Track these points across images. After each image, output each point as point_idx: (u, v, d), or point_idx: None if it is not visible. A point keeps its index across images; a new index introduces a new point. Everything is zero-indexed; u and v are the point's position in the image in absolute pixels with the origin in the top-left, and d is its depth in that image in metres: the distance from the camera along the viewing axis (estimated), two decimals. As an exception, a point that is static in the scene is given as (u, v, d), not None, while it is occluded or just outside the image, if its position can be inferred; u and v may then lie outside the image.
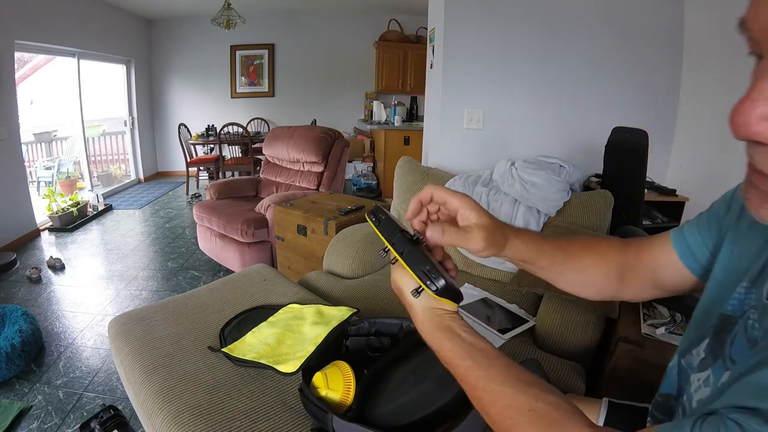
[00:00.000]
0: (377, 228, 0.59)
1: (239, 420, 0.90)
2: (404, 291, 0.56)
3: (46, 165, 5.47)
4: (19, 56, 3.93)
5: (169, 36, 6.11)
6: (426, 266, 0.52)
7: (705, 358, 0.48)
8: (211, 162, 5.36)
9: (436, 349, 0.53)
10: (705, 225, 0.57)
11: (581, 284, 0.67)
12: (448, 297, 0.52)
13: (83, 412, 1.67)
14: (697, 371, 0.48)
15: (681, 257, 0.59)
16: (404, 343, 0.97)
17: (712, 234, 0.56)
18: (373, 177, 5.48)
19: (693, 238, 0.58)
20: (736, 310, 0.46)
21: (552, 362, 1.22)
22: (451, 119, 2.35)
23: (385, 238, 0.58)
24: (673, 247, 0.60)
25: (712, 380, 0.45)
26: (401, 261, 0.55)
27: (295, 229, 2.30)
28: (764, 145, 0.31)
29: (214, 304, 1.37)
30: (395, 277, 0.57)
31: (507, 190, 1.86)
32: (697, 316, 0.55)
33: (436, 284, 0.51)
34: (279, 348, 1.13)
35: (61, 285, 2.84)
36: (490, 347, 0.51)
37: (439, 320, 0.53)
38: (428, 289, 0.52)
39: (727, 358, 0.44)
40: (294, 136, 3.35)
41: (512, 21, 2.22)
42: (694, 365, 0.50)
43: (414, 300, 0.54)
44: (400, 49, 5.73)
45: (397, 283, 0.57)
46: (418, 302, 0.54)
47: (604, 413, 0.75)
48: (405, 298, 0.56)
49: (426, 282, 0.52)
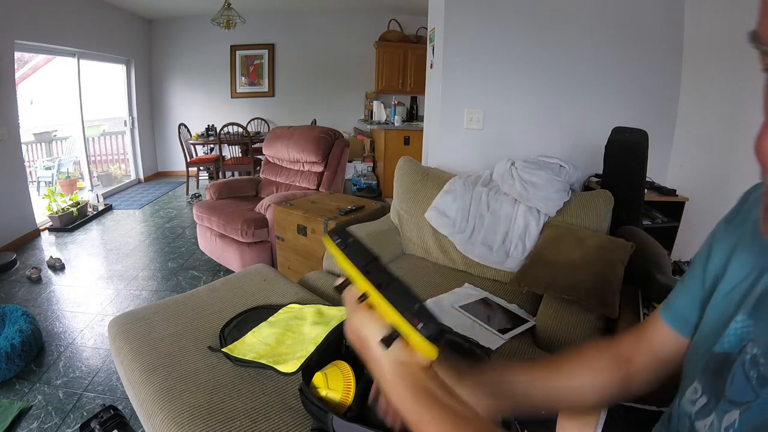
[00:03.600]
0: (343, 252, 0.45)
1: (239, 420, 0.90)
2: (369, 340, 0.43)
3: (46, 165, 5.47)
4: (19, 56, 3.93)
5: (169, 36, 6.11)
6: (415, 304, 0.41)
7: (708, 402, 0.45)
8: (211, 162, 5.36)
9: (412, 418, 0.41)
10: (689, 282, 0.55)
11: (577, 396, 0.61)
12: (440, 343, 0.41)
13: (83, 412, 1.67)
14: (702, 417, 0.45)
15: (676, 329, 0.56)
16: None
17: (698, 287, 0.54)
18: (373, 177, 5.48)
19: (681, 302, 0.56)
20: (734, 346, 0.44)
21: (552, 362, 1.22)
22: (451, 119, 2.35)
23: (354, 265, 0.45)
24: (664, 321, 0.57)
25: (716, 425, 0.42)
26: (377, 297, 0.42)
27: (295, 229, 2.30)
28: None
29: (214, 304, 1.37)
30: (357, 322, 0.45)
31: (507, 190, 1.86)
32: (689, 359, 0.52)
33: (430, 327, 0.40)
34: (279, 348, 1.13)
35: (61, 285, 2.84)
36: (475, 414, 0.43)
37: (414, 380, 0.42)
38: (418, 333, 0.40)
39: (725, 400, 0.42)
40: (294, 136, 3.35)
41: (512, 21, 2.22)
42: (694, 411, 0.47)
43: (381, 353, 0.42)
44: (400, 49, 5.73)
45: (359, 331, 0.45)
46: (387, 355, 0.42)
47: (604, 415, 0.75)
48: (369, 352, 0.44)
49: (417, 324, 0.40)
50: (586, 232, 1.65)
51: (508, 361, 0.63)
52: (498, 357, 1.24)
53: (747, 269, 0.45)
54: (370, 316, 0.44)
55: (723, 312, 0.47)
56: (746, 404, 0.39)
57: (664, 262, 1.54)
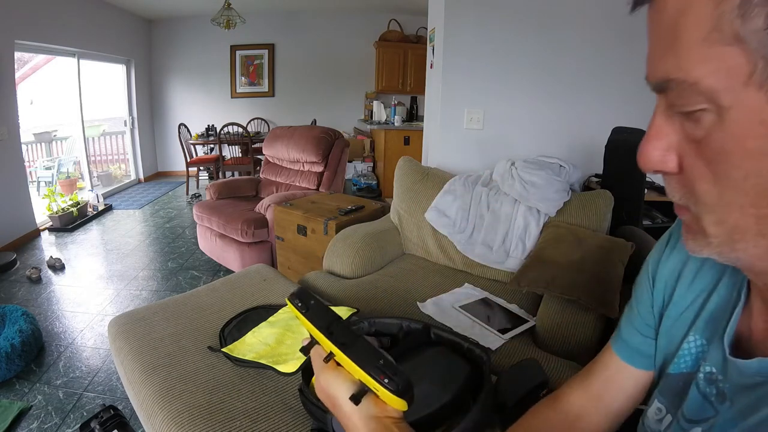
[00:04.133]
0: (304, 315, 0.47)
1: (239, 420, 0.90)
2: (339, 398, 0.45)
3: (46, 165, 5.47)
4: (19, 56, 3.93)
5: (169, 36, 6.11)
6: (379, 360, 0.42)
7: (672, 421, 0.46)
8: (211, 162, 5.36)
9: None
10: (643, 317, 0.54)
11: None
12: (409, 396, 0.42)
13: (83, 412, 1.67)
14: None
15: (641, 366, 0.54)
16: (404, 343, 0.97)
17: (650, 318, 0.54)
18: (373, 177, 5.48)
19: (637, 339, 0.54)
20: (691, 366, 0.45)
21: (552, 362, 1.22)
22: (451, 119, 2.35)
23: (316, 328, 0.46)
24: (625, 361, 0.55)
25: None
26: (344, 357, 0.43)
27: (295, 229, 2.30)
28: (668, 174, 0.35)
29: (214, 304, 1.37)
30: (325, 381, 0.47)
31: (507, 190, 1.86)
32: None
33: (396, 382, 0.40)
34: (279, 348, 1.13)
35: (61, 285, 2.84)
36: None
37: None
38: (385, 389, 0.40)
39: (683, 419, 0.43)
40: (294, 136, 3.35)
41: (512, 21, 2.22)
42: (662, 429, 0.48)
43: (352, 409, 0.44)
44: (400, 49, 5.73)
45: (327, 390, 0.46)
46: (358, 411, 0.44)
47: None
48: (340, 409, 0.45)
49: (383, 380, 0.41)
50: (586, 232, 1.65)
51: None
52: (498, 357, 1.24)
53: (696, 291, 0.47)
54: (337, 374, 0.46)
55: (674, 334, 0.48)
56: (707, 420, 0.40)
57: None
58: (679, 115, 0.32)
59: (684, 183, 0.34)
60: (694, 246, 0.36)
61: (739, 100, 0.28)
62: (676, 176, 0.35)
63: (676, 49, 0.31)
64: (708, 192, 0.32)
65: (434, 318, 1.42)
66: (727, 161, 0.30)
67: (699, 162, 0.32)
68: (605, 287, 1.34)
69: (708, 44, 0.29)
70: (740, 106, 0.28)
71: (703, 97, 0.30)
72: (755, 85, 0.27)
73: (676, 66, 0.31)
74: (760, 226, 0.31)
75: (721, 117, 0.29)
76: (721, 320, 0.43)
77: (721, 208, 0.32)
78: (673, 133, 0.33)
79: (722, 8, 0.27)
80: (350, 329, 0.45)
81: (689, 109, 0.31)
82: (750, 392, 0.36)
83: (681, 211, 0.36)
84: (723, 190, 0.31)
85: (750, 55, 0.27)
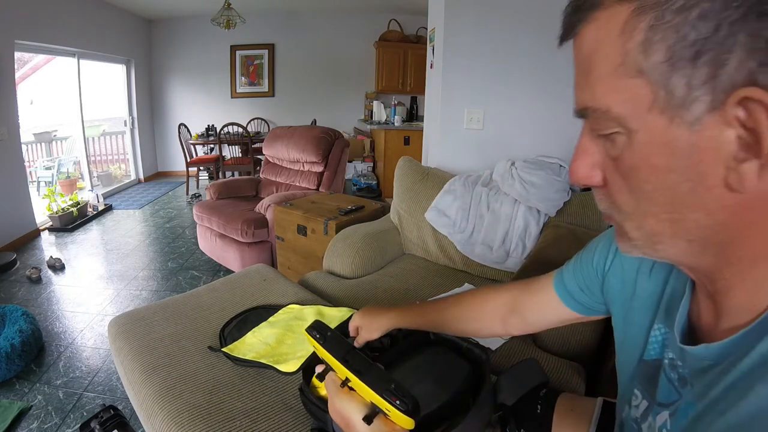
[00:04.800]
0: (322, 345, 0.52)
1: (239, 420, 0.90)
2: (352, 419, 0.50)
3: (46, 165, 5.47)
4: (19, 56, 3.93)
5: (169, 36, 6.11)
6: (390, 384, 0.47)
7: (648, 406, 0.49)
8: (211, 162, 5.36)
9: None
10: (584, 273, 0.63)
11: (470, 331, 0.82)
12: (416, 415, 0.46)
13: (83, 412, 1.67)
14: (644, 420, 0.49)
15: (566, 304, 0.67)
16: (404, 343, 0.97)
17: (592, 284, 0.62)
18: (373, 177, 5.48)
19: (573, 286, 0.65)
20: (659, 353, 0.48)
21: (552, 362, 1.22)
22: (451, 119, 2.35)
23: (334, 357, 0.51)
24: (557, 295, 0.68)
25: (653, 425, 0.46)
26: (359, 383, 0.48)
27: (295, 229, 2.30)
28: (595, 188, 0.40)
29: (214, 304, 1.37)
30: (339, 405, 0.52)
31: (507, 190, 1.86)
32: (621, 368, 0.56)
33: (407, 403, 0.45)
34: (279, 348, 1.13)
35: (61, 285, 2.84)
36: None
37: None
38: (397, 409, 0.45)
39: (655, 403, 0.46)
40: (294, 136, 3.35)
41: (512, 21, 2.22)
42: (639, 415, 0.51)
43: (365, 429, 0.49)
44: (400, 49, 5.73)
45: (342, 412, 0.52)
46: (370, 430, 0.49)
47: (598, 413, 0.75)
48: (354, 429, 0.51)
49: (395, 402, 0.45)
50: (586, 232, 1.66)
51: (434, 303, 0.86)
52: (498, 357, 1.24)
53: (654, 282, 0.51)
54: (350, 398, 0.51)
55: (643, 322, 0.52)
56: (673, 404, 0.43)
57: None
58: (600, 137, 0.37)
59: (607, 195, 0.39)
60: (623, 247, 0.41)
61: (645, 123, 0.33)
62: (602, 189, 0.39)
63: (590, 81, 0.36)
64: (626, 202, 0.37)
65: (434, 318, 1.42)
66: (638, 176, 0.35)
67: (617, 176, 0.37)
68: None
69: (616, 77, 0.33)
70: (645, 129, 0.33)
71: (614, 122, 0.34)
72: (658, 110, 0.32)
73: (591, 96, 0.36)
74: (673, 229, 0.35)
75: (631, 139, 0.34)
76: (675, 310, 0.46)
77: (638, 216, 0.37)
78: (596, 152, 0.38)
79: (628, 46, 0.32)
80: (364, 357, 0.50)
81: (605, 132, 0.36)
82: (704, 375, 0.38)
83: (608, 218, 0.41)
84: (638, 200, 0.36)
85: (652, 85, 0.31)
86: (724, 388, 0.34)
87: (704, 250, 0.36)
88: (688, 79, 0.30)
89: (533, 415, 0.78)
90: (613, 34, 0.33)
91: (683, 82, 0.30)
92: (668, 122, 0.31)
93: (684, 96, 0.30)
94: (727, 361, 0.35)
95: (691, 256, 0.37)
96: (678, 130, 0.31)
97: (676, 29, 0.29)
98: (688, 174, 0.32)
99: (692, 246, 0.36)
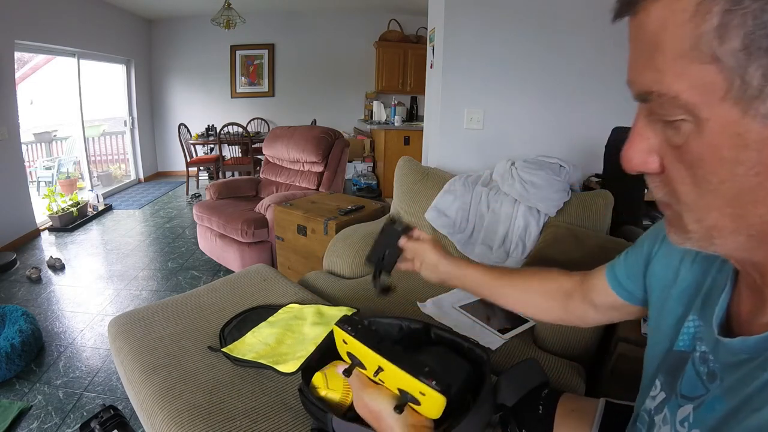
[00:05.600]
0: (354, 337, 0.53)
1: (239, 420, 0.90)
2: (383, 411, 0.51)
3: (46, 165, 5.47)
4: (19, 56, 3.93)
5: (169, 36, 6.11)
6: (425, 368, 0.49)
7: (665, 398, 0.48)
8: (211, 162, 5.36)
9: None
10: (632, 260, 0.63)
11: (525, 303, 0.76)
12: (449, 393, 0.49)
13: (83, 412, 1.67)
14: (659, 412, 0.49)
15: (613, 289, 0.66)
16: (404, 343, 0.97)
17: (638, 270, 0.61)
18: (373, 177, 5.48)
19: (622, 273, 0.65)
20: (688, 345, 0.47)
21: (552, 362, 1.22)
22: (451, 119, 2.35)
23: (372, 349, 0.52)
24: (607, 280, 0.67)
25: (668, 418, 0.46)
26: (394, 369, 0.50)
27: (295, 229, 2.30)
28: (651, 174, 0.38)
29: (214, 304, 1.37)
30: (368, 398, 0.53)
31: (507, 190, 1.86)
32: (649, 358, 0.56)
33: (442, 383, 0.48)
34: (279, 348, 1.13)
35: (61, 285, 2.84)
36: None
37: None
38: (434, 390, 0.48)
39: (677, 396, 0.45)
40: (294, 136, 3.35)
41: (512, 21, 2.22)
42: (654, 406, 0.50)
43: (395, 418, 0.50)
44: (400, 49, 5.73)
45: (370, 405, 0.52)
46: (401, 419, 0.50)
47: (600, 414, 0.75)
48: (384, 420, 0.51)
49: (432, 383, 0.48)
50: (586, 232, 1.65)
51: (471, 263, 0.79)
52: (498, 357, 1.24)
53: (695, 273, 0.50)
54: (379, 391, 0.53)
55: (677, 313, 0.51)
56: (698, 398, 0.42)
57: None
58: (660, 122, 0.35)
59: (666, 182, 0.37)
60: (676, 239, 0.39)
61: (716, 113, 0.31)
62: (658, 176, 0.37)
63: (656, 64, 0.33)
64: (688, 193, 0.35)
65: (434, 318, 1.42)
66: (704, 167, 0.33)
67: (679, 165, 0.35)
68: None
69: (687, 61, 0.31)
70: (717, 118, 0.31)
71: (682, 109, 0.32)
72: (731, 101, 0.30)
73: (657, 80, 0.33)
74: (736, 224, 0.34)
75: (700, 128, 0.32)
76: (713, 302, 0.45)
77: (700, 208, 0.35)
78: (654, 136, 0.36)
79: (701, 29, 0.30)
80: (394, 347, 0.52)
81: (670, 119, 0.34)
82: (736, 370, 0.37)
83: (664, 207, 0.39)
84: (702, 192, 0.34)
85: (727, 73, 0.29)
86: (761, 385, 0.34)
87: (761, 244, 0.35)
88: (765, 69, 0.28)
89: (535, 415, 0.78)
90: (685, 15, 0.30)
91: (759, 73, 0.28)
92: (742, 114, 0.30)
93: (760, 87, 0.29)
94: (764, 357, 0.35)
95: (747, 251, 0.36)
96: (752, 122, 0.30)
97: (753, 15, 0.27)
98: (757, 168, 0.31)
99: (750, 240, 0.35)
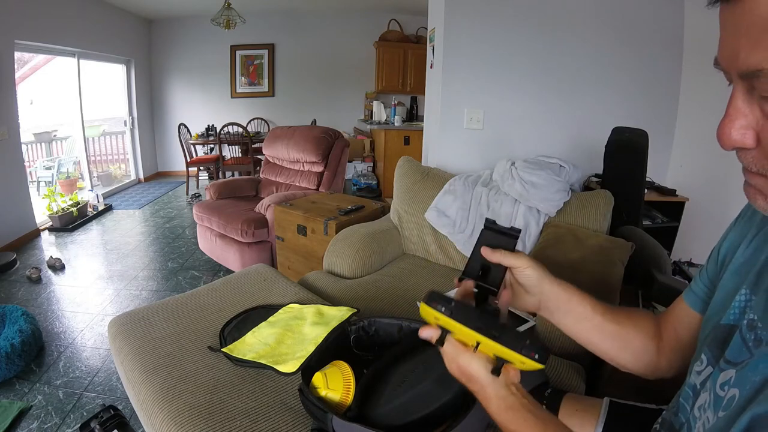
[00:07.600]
0: (451, 318, 0.53)
1: (239, 420, 0.90)
2: (478, 374, 0.54)
3: (46, 165, 5.47)
4: (19, 56, 3.93)
5: (169, 36, 6.11)
6: (525, 340, 0.51)
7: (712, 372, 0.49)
8: (211, 162, 5.36)
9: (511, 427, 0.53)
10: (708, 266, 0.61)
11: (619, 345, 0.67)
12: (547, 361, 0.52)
13: (83, 412, 1.67)
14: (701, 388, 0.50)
15: (691, 306, 0.62)
16: (404, 343, 0.97)
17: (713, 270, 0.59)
18: (373, 177, 5.48)
19: (698, 284, 0.62)
20: (737, 318, 0.48)
21: (552, 362, 1.22)
22: (451, 119, 2.35)
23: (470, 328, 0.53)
24: (685, 301, 0.63)
25: (709, 385, 0.47)
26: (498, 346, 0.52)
27: (295, 229, 2.30)
28: (746, 150, 0.39)
29: (214, 304, 1.37)
30: (464, 361, 0.55)
31: (507, 190, 1.86)
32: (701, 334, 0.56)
33: (542, 354, 0.50)
34: (279, 348, 1.13)
35: (61, 285, 2.84)
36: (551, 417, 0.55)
37: (513, 400, 0.53)
38: (535, 362, 0.50)
39: (723, 361, 0.46)
40: (294, 136, 3.35)
41: (512, 21, 2.22)
42: (699, 381, 0.51)
43: (488, 379, 0.54)
44: (400, 49, 5.73)
45: (466, 368, 0.55)
46: (495, 381, 0.54)
47: (604, 413, 0.75)
48: (477, 382, 0.55)
49: (534, 356, 0.50)
50: (586, 232, 1.65)
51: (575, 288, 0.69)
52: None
53: (752, 250, 0.51)
54: (472, 356, 0.55)
55: (730, 287, 0.52)
56: (742, 363, 0.43)
57: (664, 262, 1.54)
58: (760, 98, 0.37)
59: (764, 155, 0.39)
60: (765, 205, 0.41)
61: None
62: (754, 150, 0.39)
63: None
64: None
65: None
66: None
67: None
68: (605, 287, 1.34)
69: None
70: None
71: None
72: None
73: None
74: None
75: None
76: (766, 276, 0.46)
77: None
78: (751, 113, 0.38)
79: None
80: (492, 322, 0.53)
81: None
82: None
83: (756, 178, 0.41)
84: None
85: None
86: None
87: None
88: None
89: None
90: None
91: None
92: None
93: None
94: None
95: None
96: None
97: None
98: None
99: None
